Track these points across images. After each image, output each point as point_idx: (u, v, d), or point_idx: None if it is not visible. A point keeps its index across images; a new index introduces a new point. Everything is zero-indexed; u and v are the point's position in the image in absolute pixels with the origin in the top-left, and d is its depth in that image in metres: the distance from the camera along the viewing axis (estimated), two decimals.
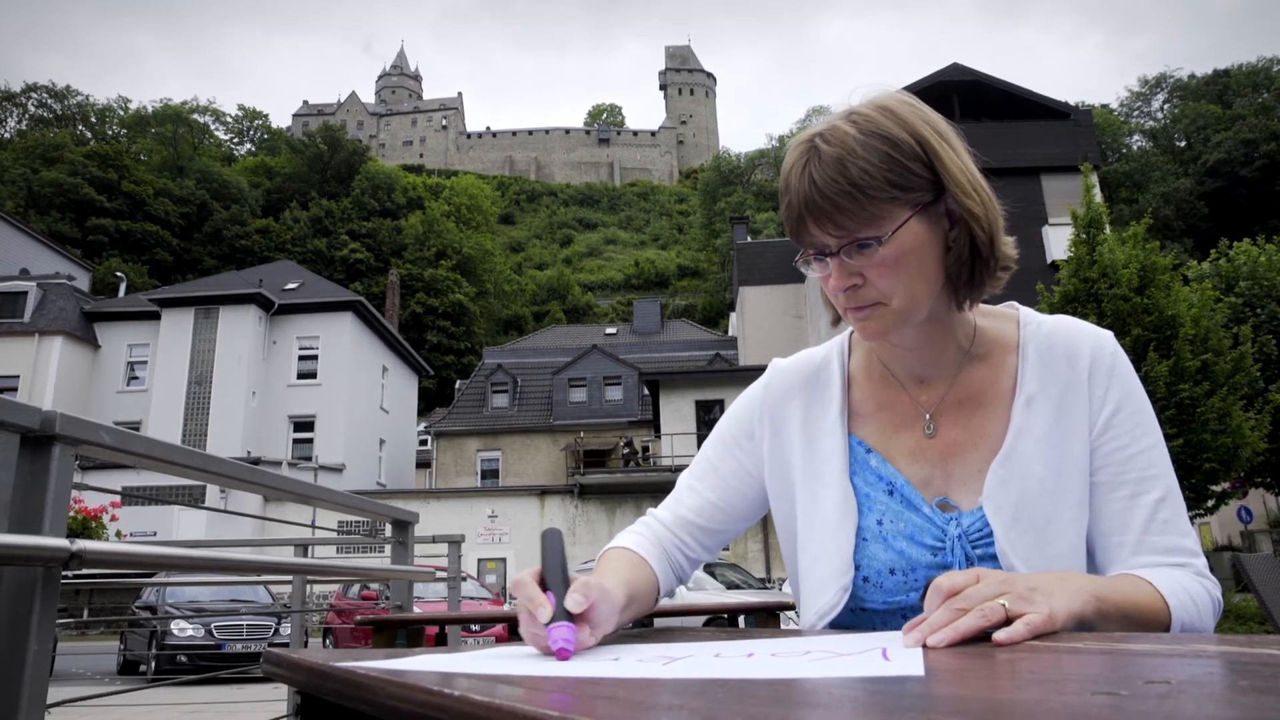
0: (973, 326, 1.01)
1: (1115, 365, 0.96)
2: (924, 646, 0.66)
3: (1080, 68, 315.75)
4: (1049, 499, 0.92)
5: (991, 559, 0.90)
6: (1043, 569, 0.88)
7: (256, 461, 23.98)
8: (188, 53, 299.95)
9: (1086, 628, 0.75)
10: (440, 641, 4.87)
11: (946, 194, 0.90)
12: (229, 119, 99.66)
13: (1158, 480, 0.92)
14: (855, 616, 0.96)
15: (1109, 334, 0.99)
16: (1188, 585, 0.87)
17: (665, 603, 1.08)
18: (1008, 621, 0.67)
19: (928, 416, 0.99)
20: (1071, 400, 0.95)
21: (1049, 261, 20.56)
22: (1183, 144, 63.77)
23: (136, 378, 28.81)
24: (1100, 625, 0.76)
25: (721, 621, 5.72)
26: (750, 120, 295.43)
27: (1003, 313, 1.04)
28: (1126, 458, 0.93)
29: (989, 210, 0.92)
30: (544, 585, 0.82)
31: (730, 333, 40.13)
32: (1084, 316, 12.13)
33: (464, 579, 8.69)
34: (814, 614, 0.97)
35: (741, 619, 3.30)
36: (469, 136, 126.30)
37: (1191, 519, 12.13)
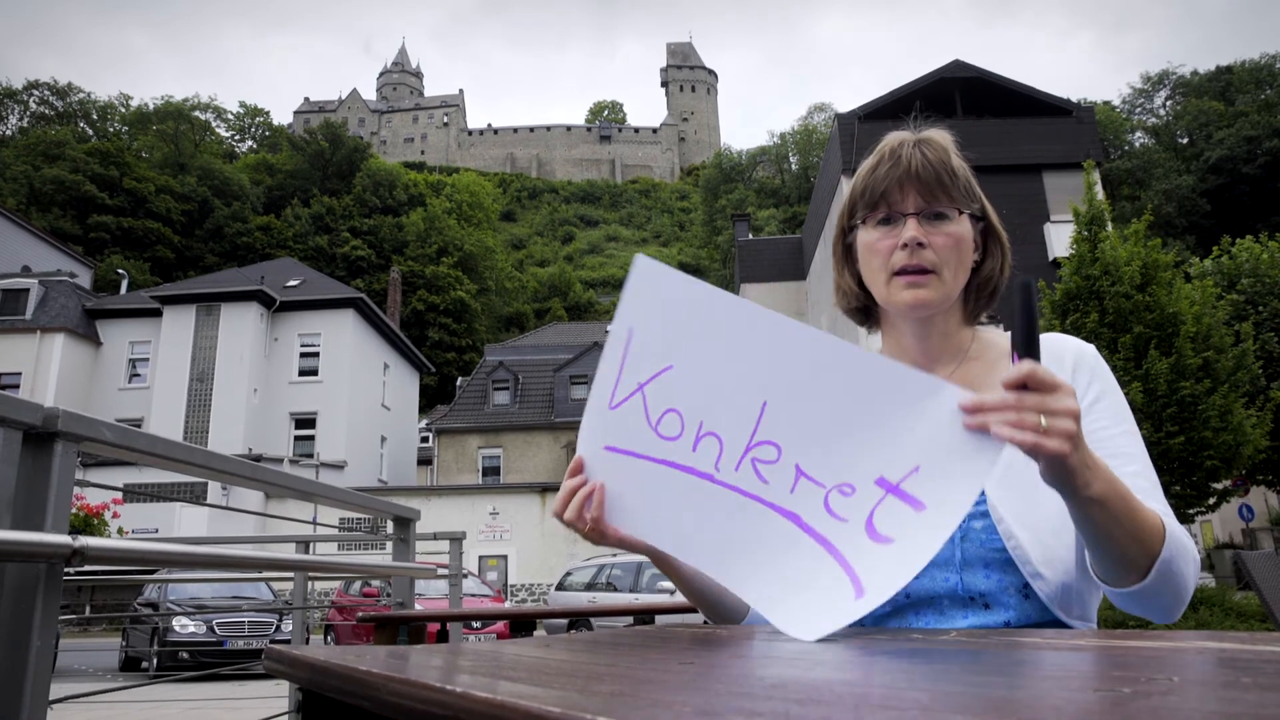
0: (973, 334, 1.14)
1: (1097, 367, 1.08)
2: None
3: (1073, 65, 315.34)
4: (1035, 467, 0.96)
5: (982, 515, 0.98)
6: (1034, 526, 0.97)
7: (258, 458, 23.99)
8: (187, 51, 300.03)
9: (1095, 498, 0.81)
10: (442, 638, 4.88)
11: (986, 220, 1.10)
12: (230, 116, 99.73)
13: (1135, 459, 1.00)
14: None
15: (1092, 346, 1.12)
16: (1176, 530, 0.92)
17: (665, 600, 1.09)
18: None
19: None
20: None
21: (1051, 259, 20.54)
22: (1185, 141, 63.65)
23: (138, 375, 28.82)
24: (1109, 501, 0.82)
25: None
26: (744, 117, 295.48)
27: (999, 331, 1.18)
28: (1106, 437, 1.02)
29: (1007, 245, 1.14)
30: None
31: None
32: (1086, 314, 12.11)
33: (465, 576, 8.70)
34: None
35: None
36: (470, 133, 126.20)
37: (1193, 517, 12.15)
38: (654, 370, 0.90)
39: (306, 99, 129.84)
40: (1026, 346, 0.80)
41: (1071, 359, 1.06)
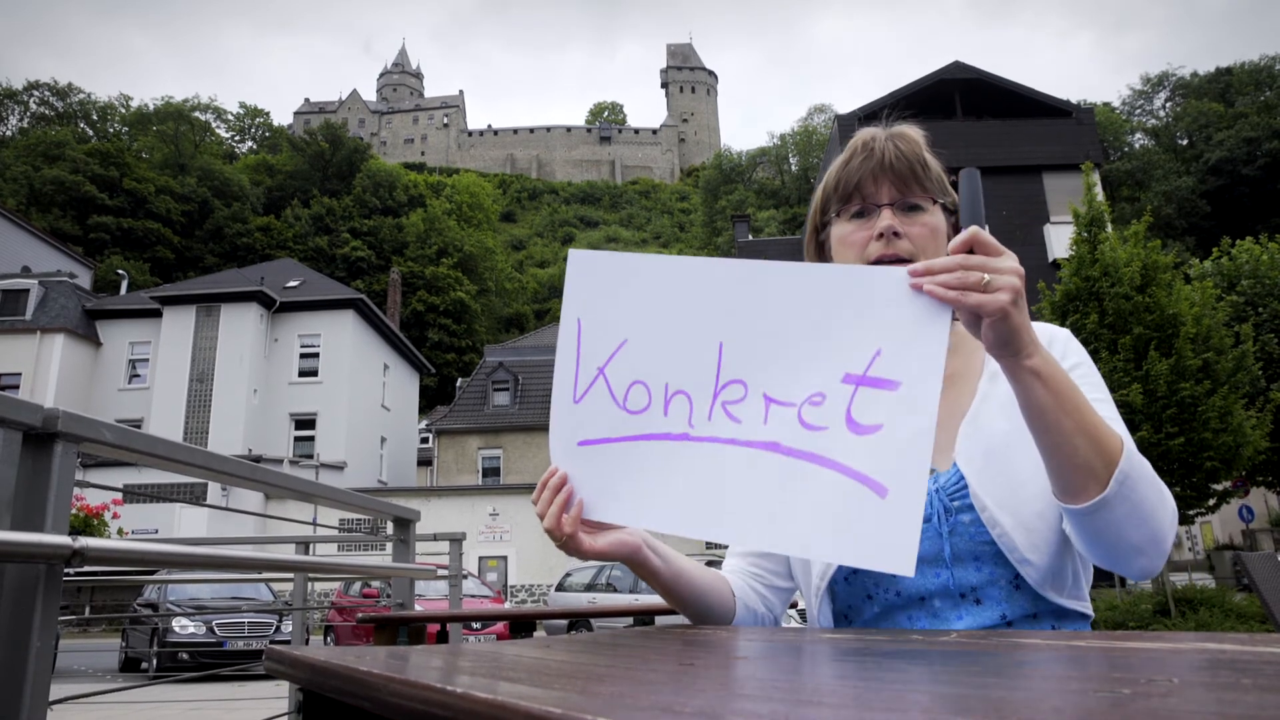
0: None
1: (1070, 343, 1.08)
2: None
3: (1073, 66, 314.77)
4: (1014, 451, 0.98)
5: (968, 509, 0.97)
6: (1016, 511, 0.96)
7: (258, 459, 23.98)
8: (187, 52, 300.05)
9: (1037, 370, 0.81)
10: (442, 639, 4.88)
11: (957, 215, 1.10)
12: (230, 117, 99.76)
13: (1112, 421, 0.96)
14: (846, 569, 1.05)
15: (1066, 330, 1.13)
16: (1141, 458, 0.90)
17: (655, 600, 1.10)
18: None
19: None
20: None
21: (1051, 260, 20.55)
22: (1185, 142, 63.67)
23: (138, 375, 28.82)
24: (1052, 378, 0.82)
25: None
26: (744, 118, 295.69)
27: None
28: None
29: None
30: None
31: None
32: (1085, 315, 12.11)
33: (465, 577, 8.70)
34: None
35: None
36: (470, 134, 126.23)
37: (1193, 518, 12.14)
38: (610, 350, 0.91)
39: (306, 99, 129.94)
40: (972, 218, 0.83)
41: (1045, 339, 1.06)
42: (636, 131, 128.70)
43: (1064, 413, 0.82)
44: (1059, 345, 1.07)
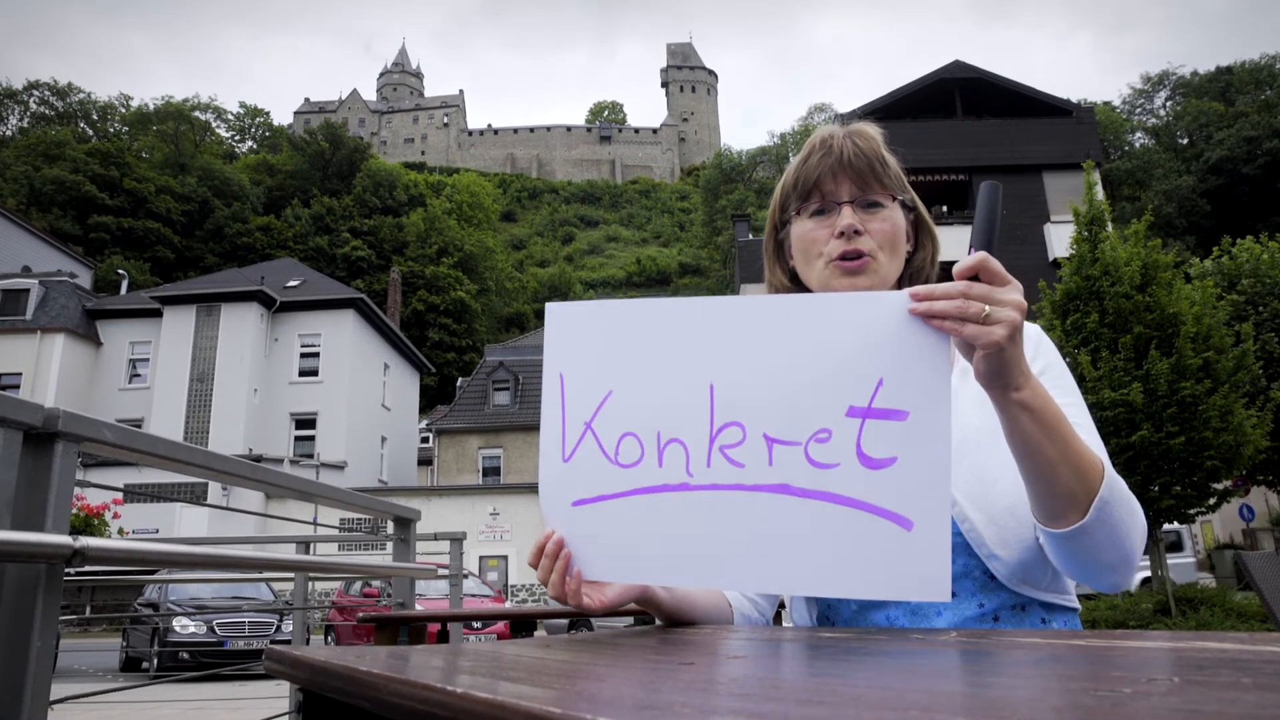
0: None
1: (1041, 341, 1.07)
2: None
3: (1073, 65, 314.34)
4: (986, 448, 0.97)
5: None
6: (988, 506, 0.96)
7: (258, 459, 23.98)
8: (187, 52, 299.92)
9: (1025, 404, 0.80)
10: (442, 639, 4.87)
11: (916, 211, 1.12)
12: (230, 116, 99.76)
13: (1083, 429, 0.95)
14: None
15: (1037, 325, 1.11)
16: (1120, 481, 0.90)
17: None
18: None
19: None
20: None
21: (1051, 259, 20.55)
22: (1185, 141, 63.66)
23: (138, 375, 28.83)
24: (1039, 410, 0.81)
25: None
26: (744, 117, 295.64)
27: None
28: None
29: (938, 238, 1.15)
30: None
31: None
32: (1086, 314, 12.09)
33: (466, 576, 8.70)
34: None
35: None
36: (470, 134, 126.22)
37: (1193, 517, 12.13)
38: (596, 403, 0.87)
39: (307, 99, 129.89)
40: (983, 242, 0.81)
41: None
42: (636, 131, 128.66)
43: (1049, 442, 0.81)
44: (1030, 343, 1.04)
